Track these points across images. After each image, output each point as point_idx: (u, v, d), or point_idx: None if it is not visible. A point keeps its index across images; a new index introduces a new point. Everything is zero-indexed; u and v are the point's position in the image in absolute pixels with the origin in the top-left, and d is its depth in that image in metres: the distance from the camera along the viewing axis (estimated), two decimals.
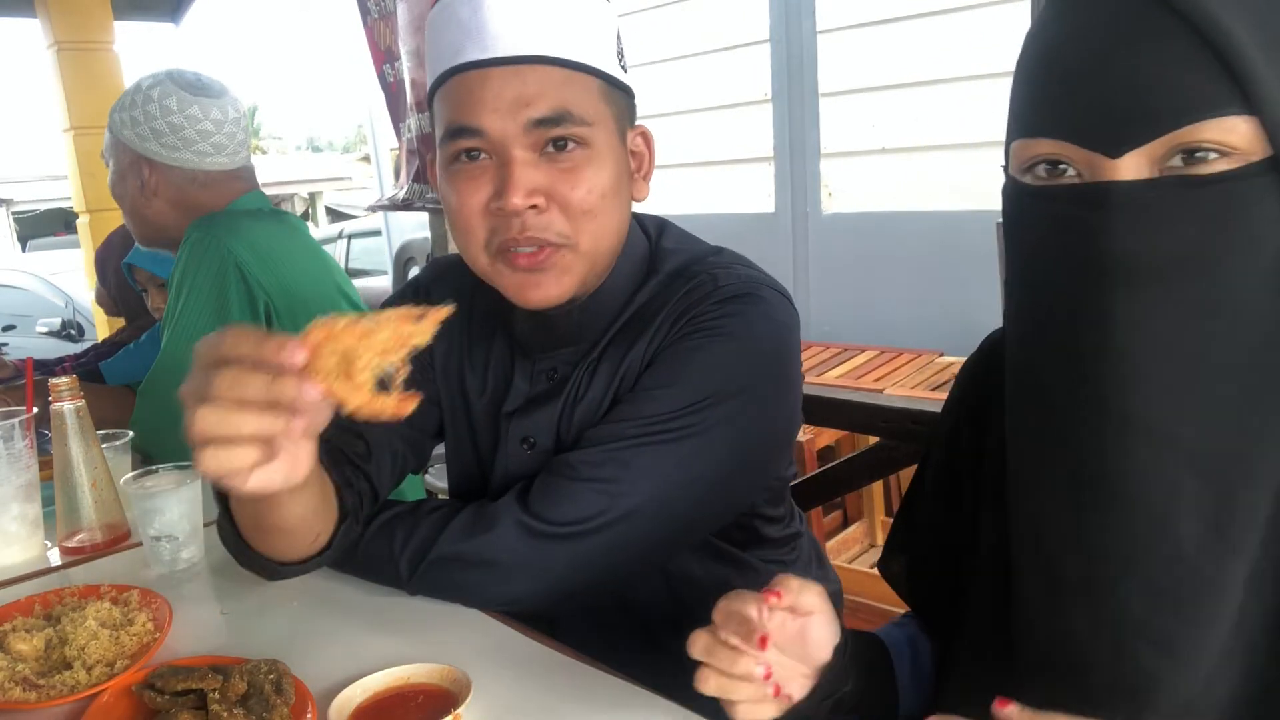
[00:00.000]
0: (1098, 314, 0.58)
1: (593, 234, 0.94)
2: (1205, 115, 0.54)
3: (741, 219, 3.41)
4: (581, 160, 0.91)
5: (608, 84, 0.94)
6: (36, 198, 15.42)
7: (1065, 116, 0.59)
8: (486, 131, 0.89)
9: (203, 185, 1.64)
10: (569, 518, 0.92)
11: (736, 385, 0.94)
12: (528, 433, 1.04)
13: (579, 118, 0.90)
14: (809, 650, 0.73)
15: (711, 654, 0.70)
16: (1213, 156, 0.55)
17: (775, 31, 3.30)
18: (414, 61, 2.73)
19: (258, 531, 0.93)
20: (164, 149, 1.60)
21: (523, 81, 0.88)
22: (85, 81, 3.88)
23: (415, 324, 0.66)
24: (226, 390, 0.63)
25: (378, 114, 5.07)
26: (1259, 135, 0.54)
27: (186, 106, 1.60)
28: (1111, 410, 0.59)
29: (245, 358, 0.64)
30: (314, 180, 19.06)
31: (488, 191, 0.91)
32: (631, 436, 0.93)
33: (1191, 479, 0.57)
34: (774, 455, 1.06)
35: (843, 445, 2.90)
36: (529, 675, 0.87)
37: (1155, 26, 0.55)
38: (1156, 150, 0.56)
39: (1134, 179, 0.56)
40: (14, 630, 0.93)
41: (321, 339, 0.64)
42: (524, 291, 0.95)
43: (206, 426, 0.64)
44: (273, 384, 0.63)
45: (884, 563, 0.93)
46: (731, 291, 0.96)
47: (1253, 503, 0.56)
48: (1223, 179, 0.54)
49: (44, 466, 1.23)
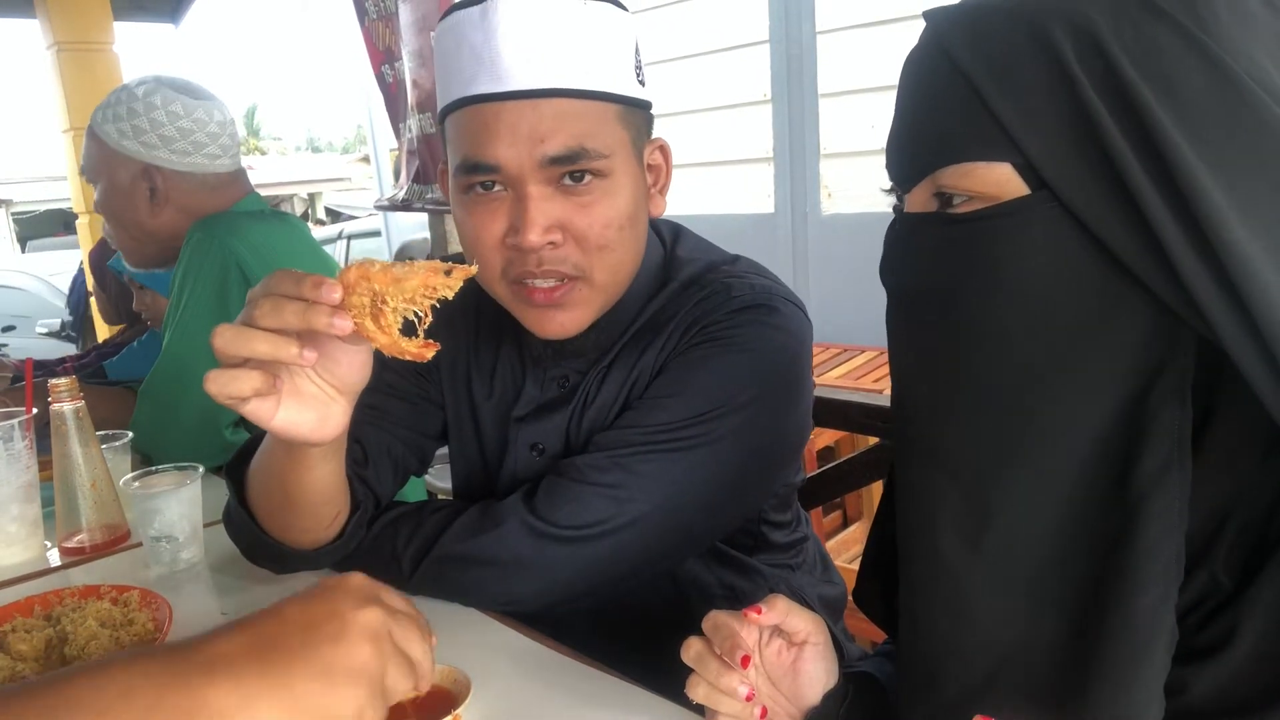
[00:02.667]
0: (890, 331, 0.65)
1: (608, 267, 0.93)
2: (949, 161, 0.57)
3: (741, 219, 3.41)
4: (598, 193, 0.90)
5: (625, 105, 0.92)
6: (36, 198, 15.44)
7: (888, 150, 0.64)
8: (502, 167, 0.88)
9: (212, 189, 1.63)
10: (574, 521, 0.92)
11: (747, 396, 0.94)
12: (537, 438, 1.04)
13: (595, 152, 0.88)
14: (799, 685, 0.72)
15: (701, 662, 0.70)
16: (959, 200, 0.58)
17: (775, 32, 3.30)
18: (416, 62, 2.73)
19: (280, 508, 0.93)
20: (175, 155, 1.59)
21: (539, 116, 0.86)
22: (85, 82, 3.88)
23: (443, 277, 0.69)
24: (264, 316, 0.69)
25: (377, 114, 5.08)
26: (1011, 177, 0.55)
27: (192, 110, 1.59)
28: (898, 421, 0.65)
29: (287, 291, 0.69)
30: (313, 181, 19.07)
31: (504, 224, 0.90)
32: (640, 444, 0.93)
33: (951, 492, 0.60)
34: (783, 464, 1.05)
35: (843, 445, 2.90)
36: (529, 675, 0.87)
37: (936, 68, 0.58)
38: (929, 188, 0.60)
39: (913, 212, 0.61)
40: (14, 630, 0.93)
41: (355, 279, 0.69)
42: (542, 324, 0.94)
43: (223, 343, 0.70)
44: (307, 311, 0.68)
45: (859, 591, 0.87)
46: (745, 302, 0.96)
47: (1006, 516, 0.59)
48: (971, 218, 0.57)
49: (44, 467, 1.23)
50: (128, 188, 1.61)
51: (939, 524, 0.60)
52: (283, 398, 0.75)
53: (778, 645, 0.72)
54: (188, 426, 1.48)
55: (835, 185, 3.26)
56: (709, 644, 0.70)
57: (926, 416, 0.62)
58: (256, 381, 0.71)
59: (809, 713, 0.72)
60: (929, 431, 0.62)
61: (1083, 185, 0.53)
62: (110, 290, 2.33)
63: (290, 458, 0.86)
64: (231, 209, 1.64)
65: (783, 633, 0.72)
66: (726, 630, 0.69)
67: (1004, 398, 0.58)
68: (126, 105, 1.58)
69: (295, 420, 0.75)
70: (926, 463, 0.62)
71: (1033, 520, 0.58)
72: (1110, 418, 0.55)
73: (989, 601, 0.59)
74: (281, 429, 0.75)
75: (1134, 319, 0.54)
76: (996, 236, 0.56)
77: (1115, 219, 0.52)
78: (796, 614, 0.70)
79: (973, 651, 0.60)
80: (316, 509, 0.93)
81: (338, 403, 0.78)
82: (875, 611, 0.88)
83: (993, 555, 0.59)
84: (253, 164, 19.69)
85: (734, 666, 0.67)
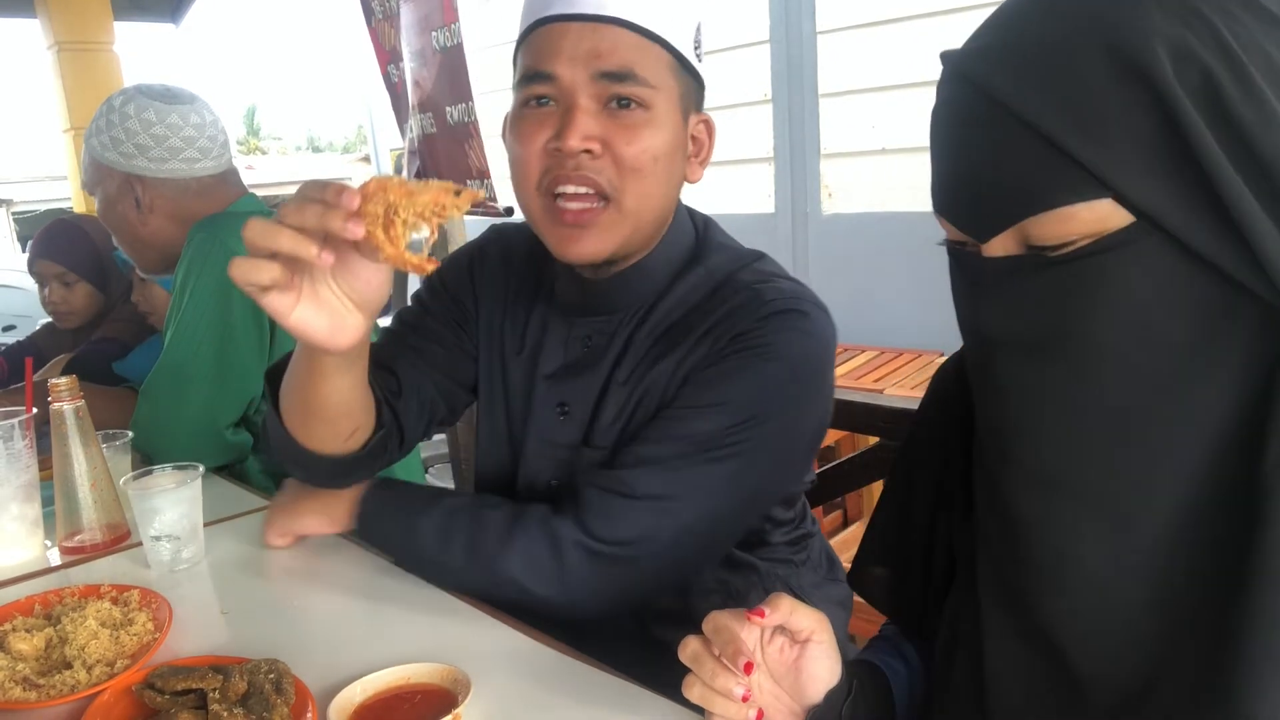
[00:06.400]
0: (987, 373, 0.64)
1: (638, 193, 0.97)
2: (1040, 209, 0.56)
3: (741, 219, 3.41)
4: (641, 120, 0.95)
5: (678, 61, 0.98)
6: (36, 198, 15.42)
7: (939, 196, 0.62)
8: (557, 77, 0.94)
9: (197, 194, 1.63)
10: (626, 536, 0.95)
11: (779, 404, 0.97)
12: (563, 398, 1.07)
13: (644, 80, 0.94)
14: (802, 682, 0.71)
15: (697, 662, 0.69)
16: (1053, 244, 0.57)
17: (775, 32, 3.30)
18: (418, 62, 2.73)
19: (300, 414, 0.99)
20: (152, 162, 1.59)
21: (599, 37, 0.93)
22: (85, 82, 3.88)
23: (453, 197, 0.75)
24: (290, 215, 0.75)
25: (378, 114, 5.08)
26: (1107, 210, 0.55)
27: (166, 115, 1.59)
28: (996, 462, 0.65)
29: (312, 195, 0.76)
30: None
31: (549, 133, 0.95)
32: (684, 454, 0.95)
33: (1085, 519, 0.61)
34: (804, 467, 1.10)
35: (843, 445, 2.90)
36: (529, 675, 0.87)
37: (989, 117, 0.57)
38: (1015, 235, 0.58)
39: (999, 255, 0.60)
40: (14, 630, 0.93)
41: (374, 190, 0.74)
42: (565, 244, 0.98)
43: (252, 234, 0.76)
44: (325, 213, 0.74)
45: (861, 576, 0.90)
46: (777, 307, 0.98)
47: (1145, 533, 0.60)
48: (1078, 257, 0.56)
49: (44, 466, 1.23)
50: (116, 199, 1.62)
51: (1077, 553, 0.61)
52: (301, 298, 0.80)
53: (780, 643, 0.72)
54: (188, 426, 1.48)
55: (835, 185, 3.26)
56: (706, 643, 0.69)
57: (1048, 451, 0.62)
58: (275, 272, 0.77)
59: (811, 711, 0.72)
60: (1051, 464, 0.62)
61: (1179, 205, 0.53)
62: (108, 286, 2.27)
63: (309, 365, 0.93)
64: (230, 209, 1.64)
65: (786, 630, 0.71)
66: (728, 634, 0.68)
67: (1133, 419, 0.58)
68: (106, 117, 1.60)
69: (310, 320, 0.81)
70: (1049, 495, 0.62)
71: (1169, 532, 0.59)
72: (1234, 418, 0.56)
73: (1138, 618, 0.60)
74: (296, 326, 0.81)
75: (1244, 320, 0.55)
76: (1107, 271, 0.56)
77: (1214, 234, 0.53)
78: (800, 612, 0.70)
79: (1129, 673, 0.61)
80: (334, 420, 0.98)
81: (354, 315, 0.83)
82: (879, 597, 0.89)
83: (1140, 573, 0.60)
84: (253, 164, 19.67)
85: (731, 669, 0.67)
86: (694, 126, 1.03)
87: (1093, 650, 0.62)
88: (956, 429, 0.78)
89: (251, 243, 0.77)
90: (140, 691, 0.81)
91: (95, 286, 2.25)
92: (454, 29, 2.52)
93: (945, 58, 0.62)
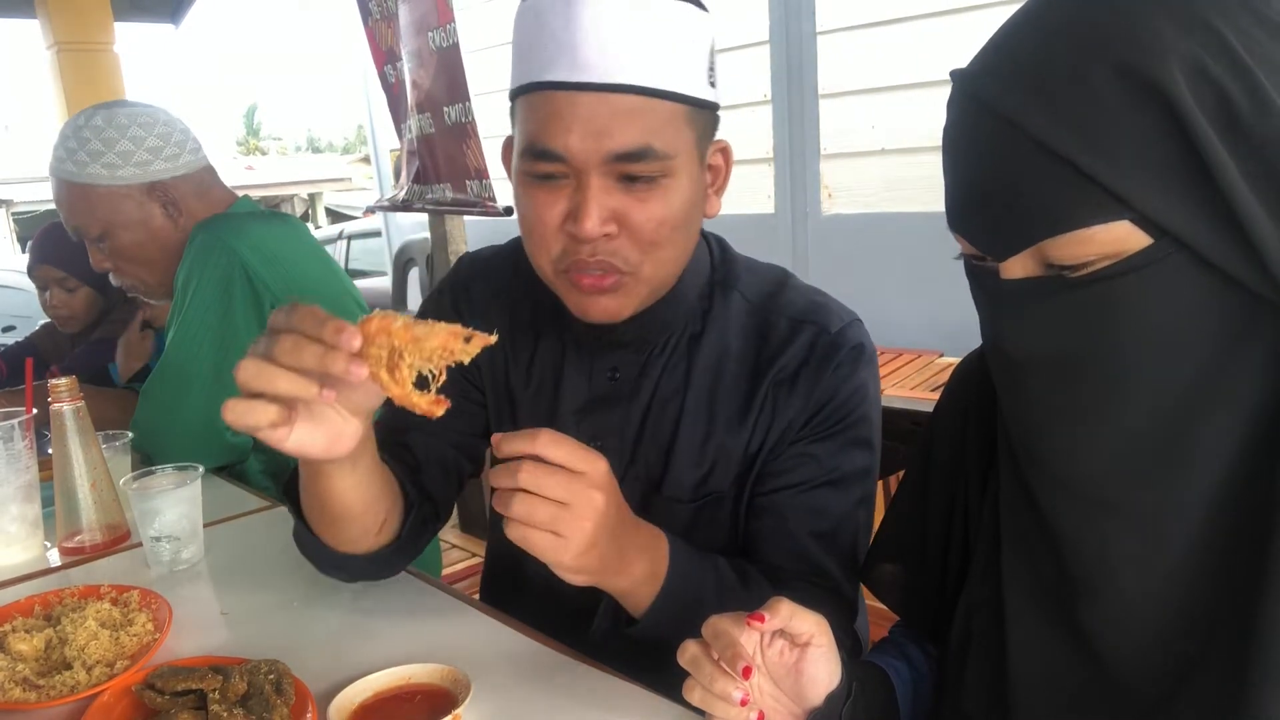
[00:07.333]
0: (1013, 389, 0.65)
1: (657, 262, 0.94)
2: (1059, 231, 0.56)
3: (741, 220, 3.41)
4: (658, 191, 0.91)
5: (694, 106, 0.93)
6: (36, 198, 15.43)
7: (955, 215, 0.63)
8: (569, 157, 0.88)
9: (199, 192, 1.62)
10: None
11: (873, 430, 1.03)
12: (596, 432, 1.04)
13: (660, 153, 0.89)
14: (802, 685, 0.72)
15: (696, 666, 0.69)
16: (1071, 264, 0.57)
17: (775, 32, 3.30)
18: (415, 62, 2.73)
19: (322, 519, 0.95)
20: (168, 162, 1.57)
21: (610, 110, 0.87)
22: (85, 82, 3.88)
23: (462, 343, 0.71)
24: (285, 354, 0.71)
25: (378, 115, 5.07)
26: (1125, 231, 0.55)
27: (152, 117, 1.58)
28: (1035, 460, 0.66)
29: (308, 331, 0.71)
30: (313, 181, 19.07)
31: (563, 210, 0.91)
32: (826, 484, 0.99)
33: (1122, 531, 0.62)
34: None
35: None
36: (529, 675, 0.87)
37: (1003, 136, 0.57)
38: (1034, 255, 0.59)
39: (1019, 278, 0.60)
40: (14, 630, 0.93)
41: (375, 331, 0.71)
42: (585, 307, 0.95)
43: (246, 376, 0.72)
44: (325, 356, 0.70)
45: (873, 574, 0.91)
46: (850, 342, 1.01)
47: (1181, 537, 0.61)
48: (1100, 279, 0.56)
49: (44, 467, 1.23)
50: (139, 217, 1.57)
51: (1115, 563, 0.63)
52: (297, 423, 0.77)
53: (780, 646, 0.72)
54: (188, 427, 1.48)
55: (835, 185, 3.26)
56: (705, 647, 0.69)
57: (1077, 466, 0.63)
58: (273, 414, 0.74)
59: (812, 713, 0.72)
60: (1079, 478, 0.63)
61: (1198, 224, 0.54)
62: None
63: (313, 475, 0.89)
64: (230, 210, 1.64)
65: (786, 633, 0.71)
66: (727, 638, 0.68)
67: (1160, 436, 0.59)
68: (98, 140, 1.53)
69: (307, 440, 0.78)
70: (1087, 510, 0.63)
71: (1199, 542, 0.60)
72: (1256, 432, 0.57)
73: (1169, 624, 0.62)
74: (294, 449, 0.78)
75: (1264, 336, 0.56)
76: (1128, 292, 0.56)
77: (1234, 251, 0.54)
78: (800, 616, 0.69)
79: (1159, 676, 0.62)
80: (359, 517, 0.94)
81: (350, 423, 0.81)
82: (891, 595, 0.89)
83: (1171, 581, 0.61)
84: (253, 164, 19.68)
85: (730, 672, 0.67)
86: (711, 157, 0.99)
87: (1126, 655, 0.64)
88: (976, 425, 0.79)
89: (246, 385, 0.73)
90: (140, 692, 0.81)
91: (96, 290, 2.26)
92: (450, 29, 2.52)
93: (955, 76, 0.61)
